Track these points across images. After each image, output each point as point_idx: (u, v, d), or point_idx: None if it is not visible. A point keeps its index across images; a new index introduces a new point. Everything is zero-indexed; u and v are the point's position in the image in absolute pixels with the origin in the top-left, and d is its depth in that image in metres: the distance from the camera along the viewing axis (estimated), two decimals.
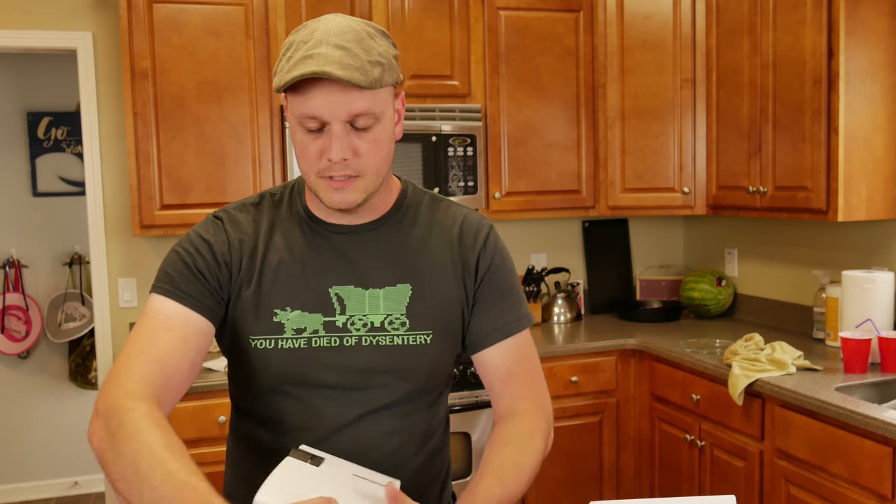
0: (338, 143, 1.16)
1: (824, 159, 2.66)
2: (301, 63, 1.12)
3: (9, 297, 4.38)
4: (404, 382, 1.28)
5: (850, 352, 2.53)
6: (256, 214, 1.31)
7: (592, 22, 3.42)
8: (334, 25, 1.16)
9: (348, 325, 1.25)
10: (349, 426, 1.26)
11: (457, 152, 3.20)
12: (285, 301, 1.25)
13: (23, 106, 4.45)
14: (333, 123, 1.15)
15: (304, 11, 3.04)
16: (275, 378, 1.25)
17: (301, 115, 1.16)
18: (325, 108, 1.14)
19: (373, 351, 1.25)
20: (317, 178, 1.20)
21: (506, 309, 1.34)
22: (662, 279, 3.90)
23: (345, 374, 1.25)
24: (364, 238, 1.29)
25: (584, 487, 3.18)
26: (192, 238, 1.26)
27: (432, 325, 1.28)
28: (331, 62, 1.11)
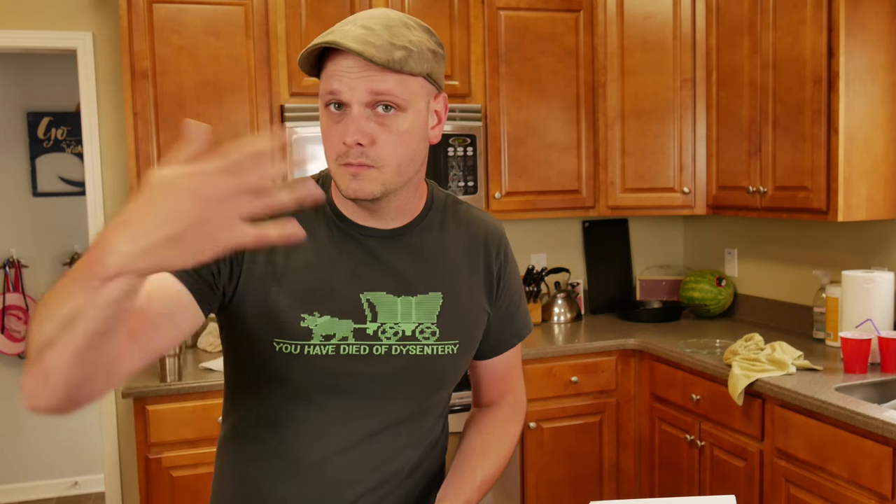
0: (353, 125, 1.11)
1: (824, 159, 2.66)
2: (321, 38, 1.11)
3: (9, 297, 4.38)
4: (428, 392, 1.27)
5: (850, 352, 2.53)
6: None
7: (592, 22, 3.42)
8: (373, 12, 1.15)
9: (379, 334, 1.21)
10: (367, 439, 1.23)
11: (457, 152, 3.20)
12: (314, 306, 1.18)
13: (23, 106, 4.45)
14: (353, 105, 1.11)
15: (303, 12, 3.04)
16: (297, 384, 1.20)
17: (324, 91, 1.13)
18: (343, 83, 1.10)
19: (402, 360, 1.22)
20: (336, 166, 1.15)
21: (516, 319, 1.37)
22: (662, 279, 3.90)
23: (372, 384, 1.21)
24: (396, 243, 1.24)
25: (584, 487, 3.18)
26: None
27: (460, 335, 1.26)
28: (347, 36, 1.08)
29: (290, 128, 2.98)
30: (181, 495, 2.68)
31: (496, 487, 3.01)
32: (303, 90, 3.07)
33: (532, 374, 3.07)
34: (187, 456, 2.67)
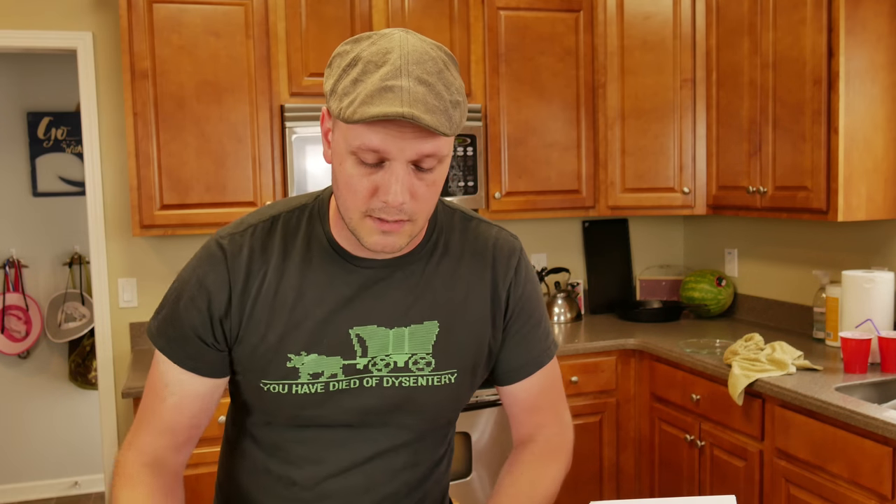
0: (399, 185, 1.02)
1: (824, 159, 2.66)
2: (379, 97, 0.98)
3: (9, 297, 4.38)
4: (424, 421, 1.23)
5: (850, 352, 2.53)
6: (266, 241, 1.17)
7: (592, 22, 3.42)
8: (412, 50, 1.01)
9: (370, 367, 1.17)
10: (363, 464, 1.22)
11: (457, 152, 3.20)
12: (301, 345, 1.15)
13: (23, 106, 4.45)
14: (397, 162, 1.02)
15: (303, 11, 3.04)
16: (288, 418, 1.19)
17: (360, 146, 1.01)
18: (395, 145, 1.01)
19: (394, 392, 1.18)
20: (362, 218, 1.06)
21: (536, 341, 1.29)
22: (662, 279, 3.90)
23: (365, 415, 1.19)
24: (392, 273, 1.18)
25: (584, 487, 3.18)
26: (191, 278, 1.17)
27: (458, 364, 1.21)
28: (416, 101, 0.98)
29: (290, 128, 2.98)
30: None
31: None
32: (303, 90, 3.07)
33: None
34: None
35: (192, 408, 1.19)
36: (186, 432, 1.20)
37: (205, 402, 1.19)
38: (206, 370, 1.18)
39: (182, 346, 1.16)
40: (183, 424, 1.19)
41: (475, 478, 2.98)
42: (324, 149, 1.12)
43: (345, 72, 1.02)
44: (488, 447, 2.99)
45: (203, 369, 1.17)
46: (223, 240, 1.17)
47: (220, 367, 1.19)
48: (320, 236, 1.18)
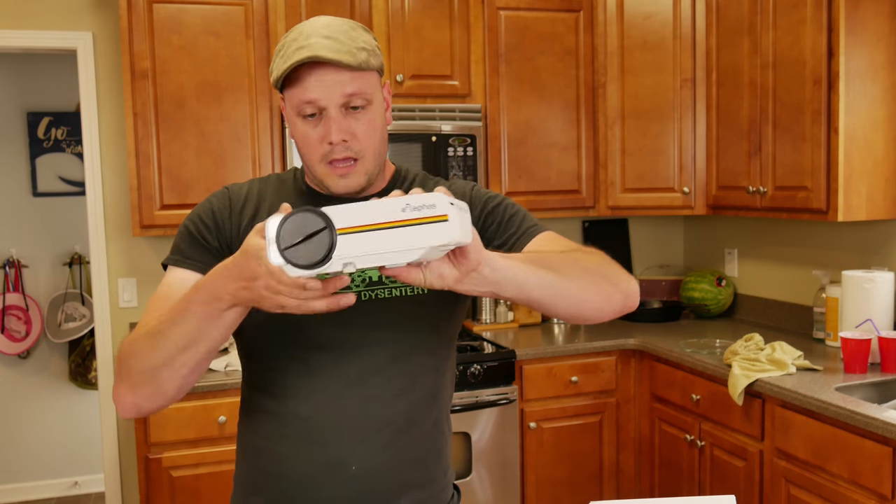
0: (336, 125, 1.24)
1: (824, 159, 2.66)
2: (294, 54, 1.21)
3: (9, 297, 4.38)
4: (405, 336, 1.30)
5: (850, 352, 2.53)
6: (262, 186, 1.39)
7: (592, 22, 3.42)
8: (320, 22, 1.26)
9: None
10: (355, 386, 1.28)
11: (457, 152, 3.20)
12: None
13: (23, 106, 4.45)
14: (330, 108, 1.23)
15: (304, 11, 3.04)
16: (274, 338, 1.29)
17: (299, 102, 1.24)
18: (321, 91, 1.22)
19: (372, 305, 1.28)
20: (321, 166, 1.27)
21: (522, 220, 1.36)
22: (662, 279, 3.90)
23: (344, 330, 1.27)
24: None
25: (584, 487, 3.18)
26: (199, 207, 1.37)
27: None
28: (321, 48, 1.20)
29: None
30: (181, 495, 2.68)
31: (496, 487, 3.01)
32: None
33: (532, 374, 3.07)
34: (187, 456, 2.67)
35: None
36: None
37: None
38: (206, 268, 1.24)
39: (192, 251, 1.31)
40: None
41: (475, 478, 2.98)
42: (289, 129, 1.33)
43: (275, 57, 1.27)
44: (488, 447, 2.99)
45: (203, 267, 1.27)
46: (227, 185, 1.41)
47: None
48: (301, 186, 1.38)
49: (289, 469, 1.29)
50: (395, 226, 0.92)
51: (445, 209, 0.92)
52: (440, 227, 0.92)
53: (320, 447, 1.28)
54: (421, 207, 0.92)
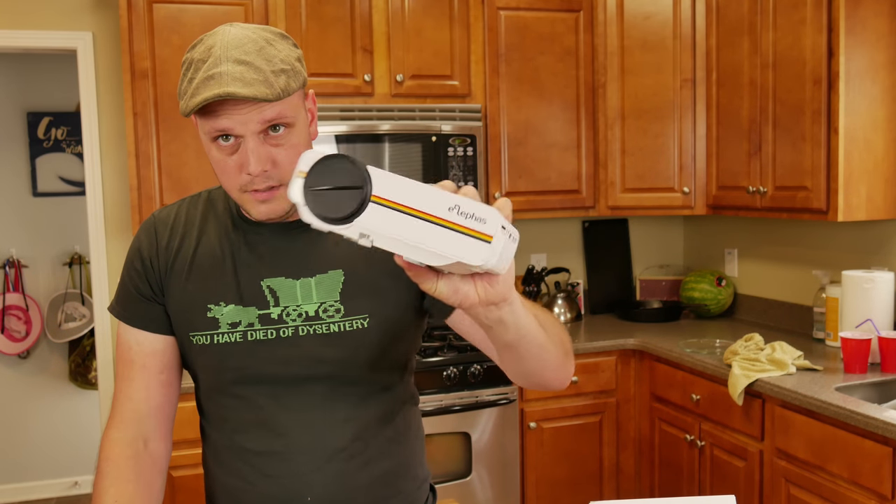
0: (254, 156, 1.14)
1: (824, 159, 2.66)
2: (203, 86, 1.11)
3: (9, 297, 4.38)
4: (346, 369, 1.26)
5: (850, 352, 2.53)
6: (191, 210, 1.34)
7: (592, 22, 3.42)
8: (232, 38, 1.14)
9: (283, 317, 1.25)
10: (301, 418, 1.25)
11: (457, 152, 3.20)
12: (219, 296, 1.26)
13: (23, 106, 4.45)
14: (247, 136, 1.14)
15: (303, 12, 3.04)
16: (216, 375, 1.27)
17: (212, 131, 1.14)
18: (235, 121, 1.13)
19: (311, 340, 1.25)
20: (240, 193, 1.20)
21: None
22: (662, 279, 3.90)
23: (286, 366, 1.25)
24: (294, 231, 1.27)
25: (584, 487, 3.18)
26: (131, 248, 1.34)
27: (368, 309, 1.26)
28: (234, 80, 1.10)
29: None
30: (181, 495, 2.68)
31: (496, 487, 3.01)
32: None
33: None
34: (187, 456, 2.67)
35: (157, 364, 1.30)
36: (159, 392, 1.31)
37: (165, 357, 1.31)
38: (152, 325, 1.30)
39: (131, 306, 1.31)
40: (153, 383, 1.30)
41: (475, 478, 2.98)
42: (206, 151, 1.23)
43: (183, 76, 1.16)
44: (488, 447, 2.99)
45: (150, 324, 1.30)
46: (156, 212, 1.37)
47: (163, 320, 1.31)
48: (231, 206, 1.32)
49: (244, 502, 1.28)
50: (435, 222, 0.80)
51: (494, 230, 0.80)
52: (480, 246, 0.80)
53: (273, 480, 1.26)
54: (470, 217, 0.80)
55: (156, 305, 1.30)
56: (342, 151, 3.19)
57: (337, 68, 3.08)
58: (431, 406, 2.90)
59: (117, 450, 1.26)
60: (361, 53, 3.12)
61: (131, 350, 1.30)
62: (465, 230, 0.80)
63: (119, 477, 1.24)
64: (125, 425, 1.28)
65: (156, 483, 1.29)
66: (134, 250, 1.32)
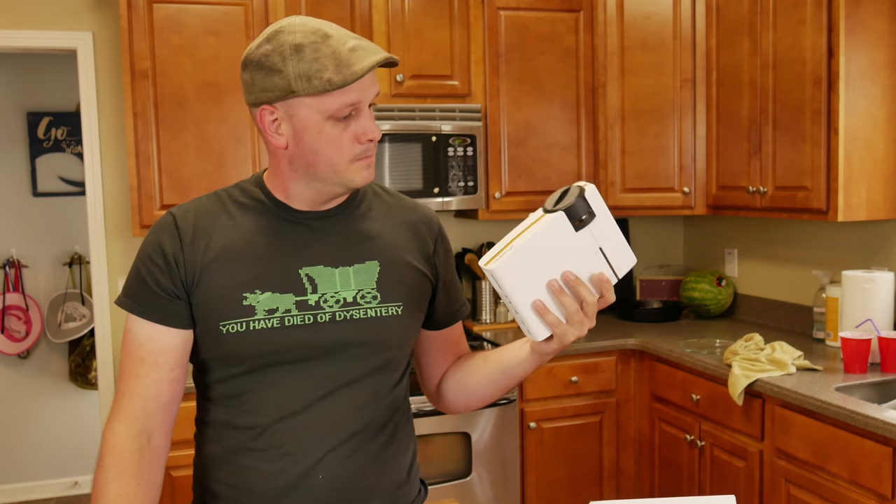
0: (372, 123, 1.25)
1: (824, 159, 2.66)
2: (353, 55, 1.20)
3: (9, 297, 4.38)
4: (377, 353, 1.32)
5: (850, 352, 2.53)
6: (211, 207, 1.34)
7: (592, 22, 3.42)
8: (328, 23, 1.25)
9: (321, 303, 1.28)
10: (323, 400, 1.29)
11: (457, 152, 3.20)
12: (255, 284, 1.27)
13: (23, 106, 4.45)
14: (364, 107, 1.24)
15: (303, 12, 3.04)
16: (248, 359, 1.27)
17: (341, 106, 1.21)
18: (364, 94, 1.23)
19: (347, 325, 1.29)
20: (349, 164, 1.26)
21: (458, 293, 1.49)
22: (662, 279, 3.90)
23: (319, 349, 1.28)
24: (331, 222, 1.33)
25: (584, 487, 3.18)
26: (147, 243, 1.31)
27: (402, 298, 1.34)
28: (378, 48, 1.22)
29: None
30: (181, 495, 2.68)
31: (496, 487, 3.01)
32: None
33: (532, 374, 3.06)
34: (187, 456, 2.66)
35: (169, 361, 1.29)
36: (168, 389, 1.30)
37: (178, 354, 1.30)
38: (171, 320, 1.28)
39: (147, 301, 1.28)
40: (163, 381, 1.29)
41: (475, 478, 2.98)
42: (271, 140, 1.27)
43: (287, 62, 1.20)
44: (488, 447, 2.99)
45: (169, 319, 1.28)
46: (172, 209, 1.34)
47: (184, 316, 1.29)
48: (261, 198, 1.33)
49: (256, 482, 1.29)
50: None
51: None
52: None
53: (289, 458, 1.28)
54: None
55: (176, 301, 1.28)
56: None
57: None
58: (431, 406, 2.90)
59: (122, 443, 1.26)
60: None
61: (143, 347, 1.29)
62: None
63: (122, 472, 1.24)
64: (132, 420, 1.28)
65: (157, 479, 1.30)
66: (153, 245, 1.30)
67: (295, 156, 1.26)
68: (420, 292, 1.38)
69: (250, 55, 1.24)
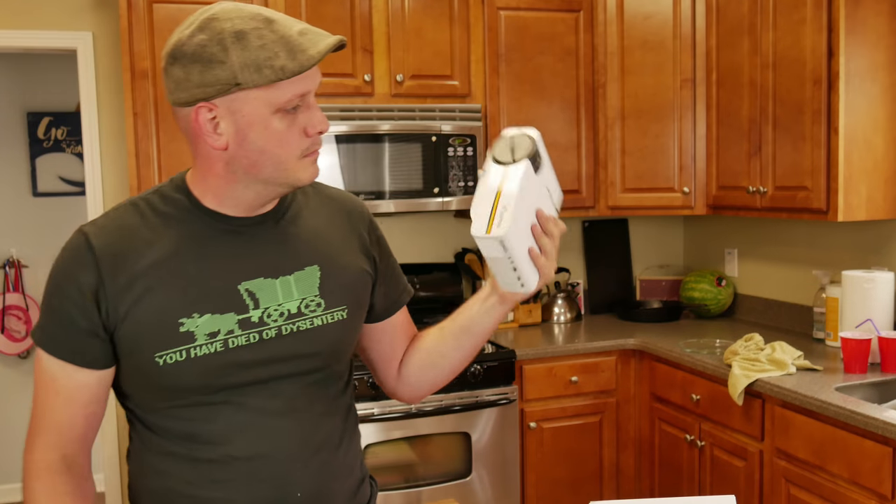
0: (319, 114, 1.18)
1: (824, 159, 2.66)
2: (304, 40, 1.12)
3: (9, 297, 4.38)
4: (328, 361, 1.27)
5: (850, 352, 2.53)
6: (129, 220, 1.20)
7: (592, 22, 3.42)
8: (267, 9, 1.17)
9: (265, 319, 1.21)
10: (286, 416, 1.23)
11: (457, 152, 3.20)
12: (191, 307, 1.16)
13: (23, 106, 4.45)
14: (310, 96, 1.17)
15: (304, 11, 3.04)
16: (195, 390, 1.18)
17: (292, 97, 1.13)
18: (311, 82, 1.16)
19: (294, 337, 1.23)
20: (298, 160, 1.17)
21: (399, 278, 1.44)
22: (662, 279, 3.90)
23: (269, 368, 1.21)
24: (266, 228, 1.25)
25: (584, 487, 3.18)
26: (58, 271, 1.18)
27: (346, 301, 1.29)
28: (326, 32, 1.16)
29: None
30: None
31: (496, 487, 3.01)
32: None
33: (532, 374, 3.07)
34: None
35: (83, 399, 1.21)
36: (83, 423, 1.23)
37: (93, 391, 1.21)
38: (88, 361, 1.18)
39: (60, 337, 1.17)
40: (78, 416, 1.22)
41: (475, 478, 2.98)
42: (208, 141, 1.14)
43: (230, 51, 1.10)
44: (488, 447, 2.99)
45: (85, 360, 1.18)
46: (85, 227, 1.20)
47: (102, 356, 1.19)
48: (186, 204, 1.21)
49: None
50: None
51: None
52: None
53: (267, 483, 1.21)
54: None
55: (95, 339, 1.16)
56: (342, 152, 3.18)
57: (337, 68, 3.08)
58: (431, 406, 2.91)
59: (44, 467, 1.23)
60: (361, 53, 3.12)
61: (56, 381, 1.19)
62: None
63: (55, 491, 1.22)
64: (49, 448, 1.24)
65: (90, 494, 1.27)
66: (65, 275, 1.16)
67: (236, 156, 1.15)
68: (362, 291, 1.34)
69: (181, 47, 1.11)
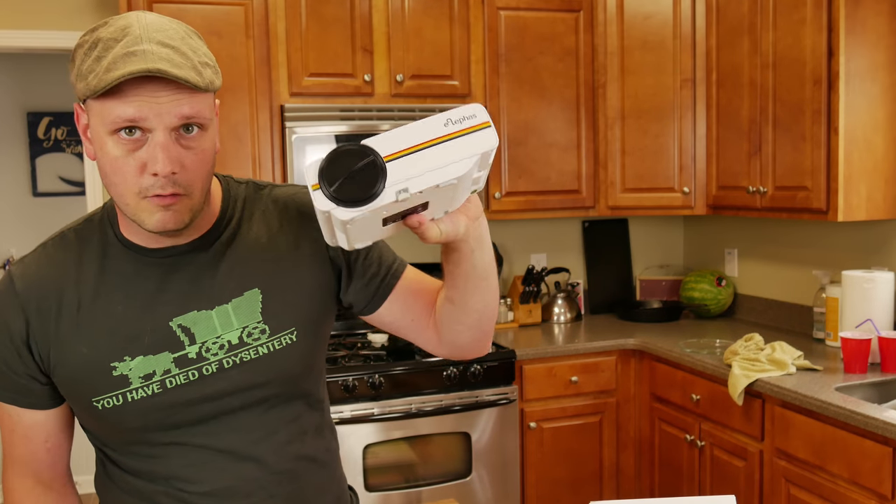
0: (164, 154, 1.00)
1: (824, 159, 2.66)
2: (123, 61, 0.97)
3: None
4: (283, 388, 1.18)
5: (850, 352, 2.53)
6: (57, 256, 1.14)
7: (592, 22, 3.42)
8: (152, 22, 1.02)
9: (203, 354, 1.13)
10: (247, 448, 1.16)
11: None
12: (122, 350, 1.10)
13: (23, 106, 4.45)
14: (157, 132, 1.00)
15: (303, 11, 3.04)
16: (139, 431, 1.13)
17: (117, 120, 0.99)
18: (150, 110, 0.99)
19: (238, 370, 1.14)
20: (139, 201, 1.04)
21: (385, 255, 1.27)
22: (662, 279, 3.90)
23: (215, 405, 1.13)
24: (196, 256, 1.15)
25: (584, 487, 3.18)
26: None
27: (294, 322, 1.18)
28: (160, 59, 0.97)
29: (290, 128, 2.98)
30: None
31: (496, 487, 3.01)
32: (303, 90, 3.07)
33: (532, 374, 3.07)
34: None
35: (40, 436, 1.19)
36: (47, 456, 1.21)
37: (48, 428, 1.19)
38: (31, 403, 1.16)
39: (3, 382, 1.15)
40: (39, 450, 1.20)
41: (475, 478, 2.98)
42: (85, 147, 1.08)
43: (86, 55, 1.01)
44: (488, 447, 2.99)
45: (29, 402, 1.16)
46: (12, 267, 1.16)
47: (46, 398, 1.16)
48: (112, 239, 1.15)
49: None
50: (441, 141, 0.91)
51: (486, 117, 0.93)
52: (485, 133, 0.92)
53: None
54: (462, 119, 0.92)
55: (34, 382, 1.13)
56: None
57: (337, 68, 3.08)
58: (431, 406, 2.91)
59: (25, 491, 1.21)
60: (361, 53, 3.12)
61: (11, 419, 1.17)
62: (468, 130, 0.92)
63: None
64: (23, 476, 1.21)
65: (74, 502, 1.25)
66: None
67: (100, 169, 1.06)
68: (317, 305, 1.21)
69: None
